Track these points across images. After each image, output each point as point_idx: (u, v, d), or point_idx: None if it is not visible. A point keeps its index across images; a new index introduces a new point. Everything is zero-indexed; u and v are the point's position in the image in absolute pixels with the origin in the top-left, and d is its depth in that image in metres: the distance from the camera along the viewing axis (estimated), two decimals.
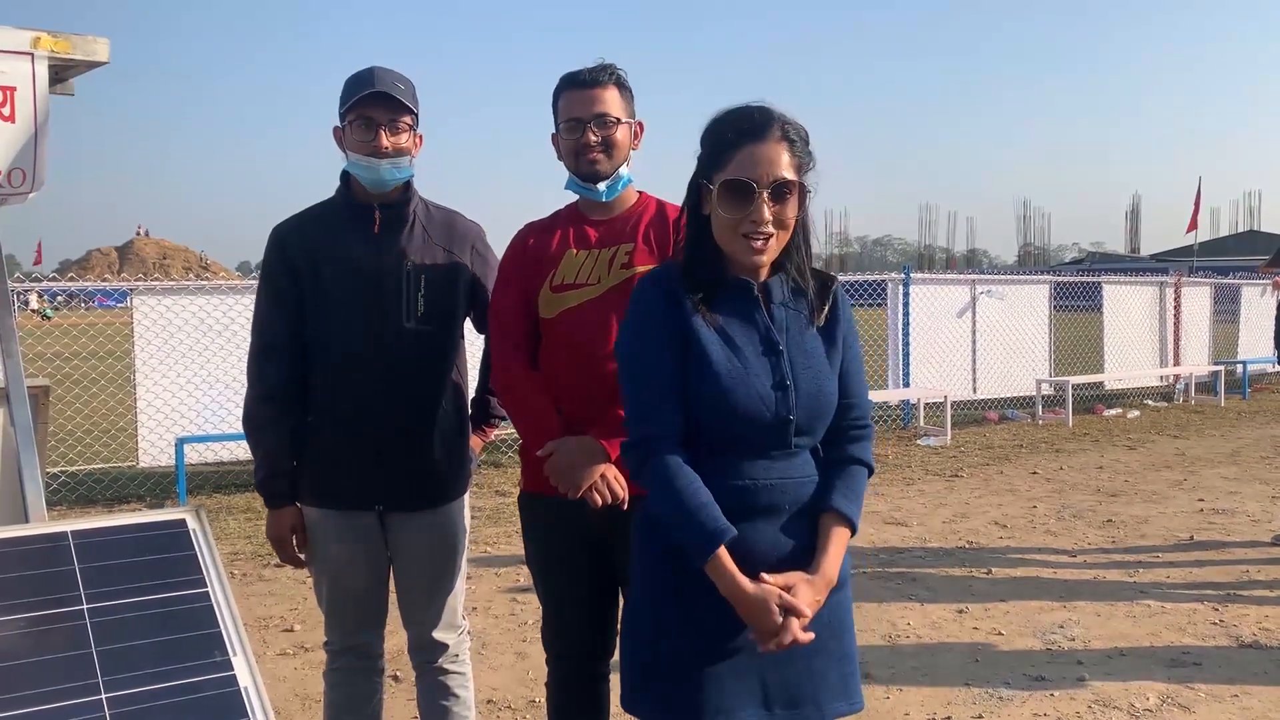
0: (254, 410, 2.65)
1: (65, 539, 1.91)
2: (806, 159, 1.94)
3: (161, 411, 8.12)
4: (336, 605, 2.73)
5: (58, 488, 8.15)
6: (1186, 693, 3.98)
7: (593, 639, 2.63)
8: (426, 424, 2.67)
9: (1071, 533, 6.64)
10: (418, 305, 2.61)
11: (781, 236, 1.93)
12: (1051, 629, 4.73)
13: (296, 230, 2.67)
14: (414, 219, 2.67)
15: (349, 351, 2.61)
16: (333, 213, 2.68)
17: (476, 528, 6.91)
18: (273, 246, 2.68)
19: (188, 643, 1.82)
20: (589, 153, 2.53)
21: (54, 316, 31.45)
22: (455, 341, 2.74)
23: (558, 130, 2.59)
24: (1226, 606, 5.04)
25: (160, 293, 8.33)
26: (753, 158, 1.88)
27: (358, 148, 2.55)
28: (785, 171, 1.89)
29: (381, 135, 2.53)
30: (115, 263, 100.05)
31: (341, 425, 2.62)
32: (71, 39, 1.94)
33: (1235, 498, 7.65)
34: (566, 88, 2.56)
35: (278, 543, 2.68)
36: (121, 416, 9.79)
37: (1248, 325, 15.72)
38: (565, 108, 2.55)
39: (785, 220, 1.91)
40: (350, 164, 2.59)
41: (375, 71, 2.56)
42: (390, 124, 2.54)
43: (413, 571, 2.73)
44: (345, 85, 2.58)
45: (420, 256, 2.64)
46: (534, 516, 2.65)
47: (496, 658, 4.47)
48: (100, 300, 31.40)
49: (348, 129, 2.57)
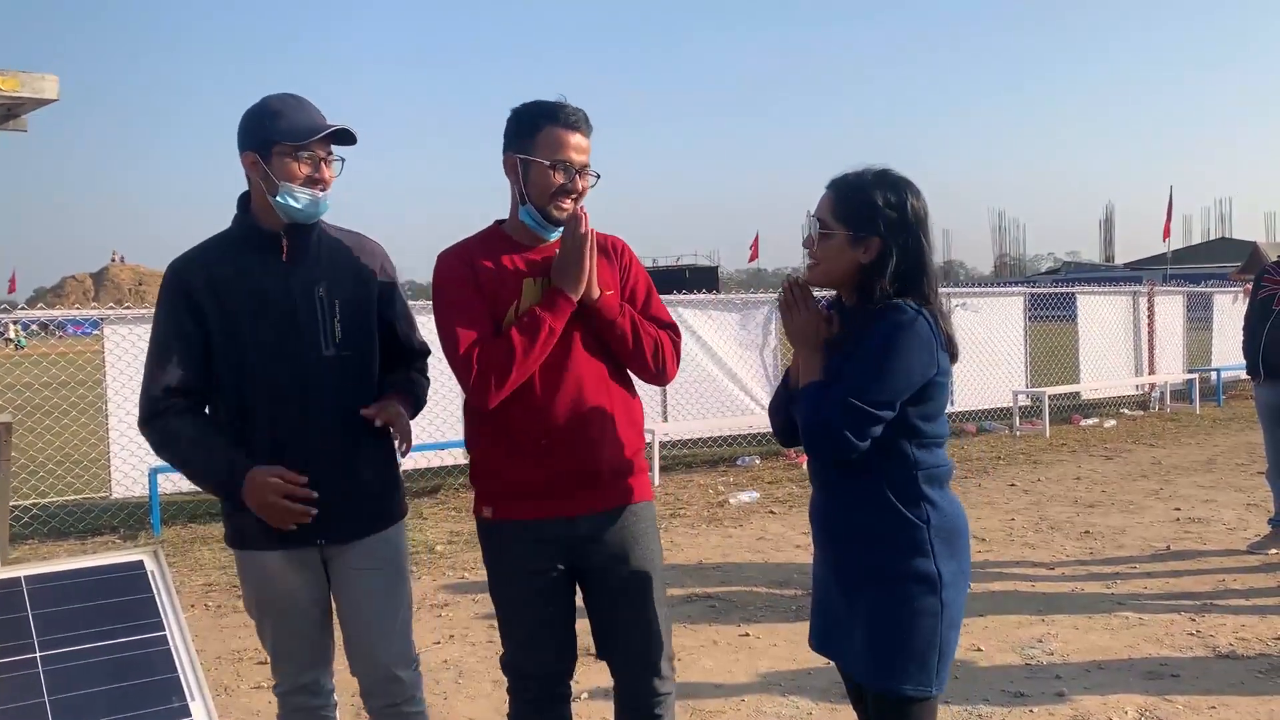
0: (164, 439, 2.54)
1: (19, 585, 1.88)
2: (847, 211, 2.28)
3: (135, 441, 8.01)
4: (284, 647, 2.65)
5: (29, 520, 8.05)
6: (1165, 705, 3.98)
7: (568, 654, 2.68)
8: (355, 450, 2.62)
9: (1049, 545, 6.65)
10: (334, 331, 2.57)
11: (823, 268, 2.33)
12: (1030, 644, 4.72)
13: (198, 264, 2.55)
14: (319, 243, 2.64)
15: (269, 384, 2.52)
16: (232, 243, 2.60)
17: (453, 552, 6.86)
18: (172, 286, 2.54)
19: (144, 689, 1.79)
20: (564, 198, 2.55)
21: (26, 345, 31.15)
22: (373, 365, 2.70)
23: (528, 159, 2.54)
24: (1203, 616, 5.05)
25: (132, 321, 8.25)
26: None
27: (299, 180, 2.50)
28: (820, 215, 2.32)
29: (323, 168, 2.53)
30: (90, 289, 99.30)
31: (270, 461, 2.50)
32: (20, 76, 1.92)
33: (1211, 506, 7.69)
34: (555, 122, 2.52)
35: (271, 507, 2.46)
36: (94, 447, 9.67)
37: (1221, 332, 15.84)
38: (552, 144, 2.51)
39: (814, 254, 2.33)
40: (285, 195, 2.50)
41: (305, 103, 2.54)
42: (327, 157, 2.55)
43: (362, 604, 2.64)
44: (274, 114, 2.50)
45: (331, 281, 2.59)
46: (505, 544, 2.64)
47: (474, 686, 4.42)
48: (74, 329, 31.14)
49: (278, 158, 2.49)
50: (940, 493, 2.31)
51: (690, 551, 6.76)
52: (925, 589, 2.23)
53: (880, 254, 2.25)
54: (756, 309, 11.09)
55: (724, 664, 4.60)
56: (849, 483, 2.30)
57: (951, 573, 2.26)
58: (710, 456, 10.63)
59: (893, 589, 2.24)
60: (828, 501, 2.38)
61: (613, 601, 2.65)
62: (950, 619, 2.26)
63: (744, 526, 7.51)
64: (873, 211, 2.25)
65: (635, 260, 2.78)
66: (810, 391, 2.27)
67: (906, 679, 2.23)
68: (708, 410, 10.41)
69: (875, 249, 2.26)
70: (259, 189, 2.55)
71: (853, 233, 2.26)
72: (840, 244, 2.28)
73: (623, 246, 2.75)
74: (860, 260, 2.27)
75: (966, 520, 2.38)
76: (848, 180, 2.31)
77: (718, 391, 10.51)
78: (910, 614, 2.23)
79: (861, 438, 2.18)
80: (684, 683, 4.26)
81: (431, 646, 4.93)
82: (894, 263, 2.24)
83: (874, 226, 2.25)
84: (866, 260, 2.27)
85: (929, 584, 2.23)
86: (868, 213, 2.26)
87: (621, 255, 2.73)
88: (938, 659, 2.24)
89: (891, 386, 2.18)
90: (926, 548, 2.24)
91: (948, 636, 2.26)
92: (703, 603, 5.55)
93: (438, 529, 7.60)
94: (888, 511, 2.25)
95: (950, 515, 2.31)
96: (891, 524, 2.25)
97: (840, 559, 2.35)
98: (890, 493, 2.25)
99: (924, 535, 2.24)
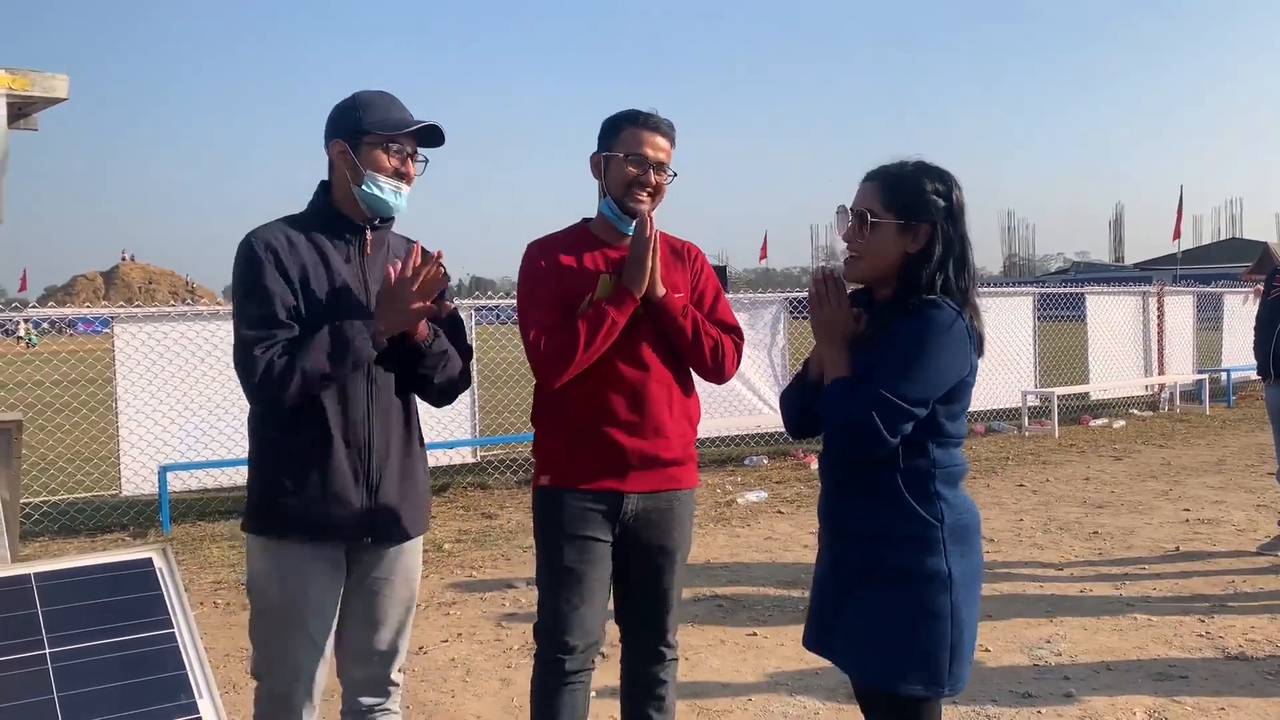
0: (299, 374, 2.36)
1: (28, 581, 1.89)
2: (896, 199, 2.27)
3: (144, 439, 8.06)
4: (297, 656, 2.53)
5: (40, 518, 8.08)
6: (1174, 707, 3.96)
7: (600, 628, 2.86)
8: (410, 451, 2.63)
9: (1058, 545, 6.64)
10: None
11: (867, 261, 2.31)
12: (1038, 644, 4.71)
13: (284, 238, 2.50)
14: (388, 246, 2.66)
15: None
16: (313, 225, 2.57)
17: (461, 551, 6.87)
18: (259, 250, 2.45)
19: (153, 685, 1.79)
20: (641, 191, 2.78)
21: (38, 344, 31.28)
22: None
23: (609, 155, 2.79)
24: (1213, 618, 5.03)
25: (141, 319, 8.27)
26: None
27: (387, 171, 2.53)
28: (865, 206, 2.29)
29: (409, 163, 2.57)
30: (101, 288, 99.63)
31: (335, 451, 2.47)
32: (30, 76, 1.92)
33: (1220, 507, 7.67)
34: (634, 124, 2.78)
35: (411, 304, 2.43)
36: (104, 445, 9.71)
37: (1231, 333, 15.80)
38: (632, 141, 2.77)
39: (856, 247, 2.31)
40: (369, 184, 2.51)
41: (397, 100, 2.59)
42: (413, 153, 2.59)
43: (378, 608, 2.62)
44: (368, 105, 2.53)
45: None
46: (561, 509, 2.80)
47: (481, 685, 4.43)
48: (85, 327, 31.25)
49: (368, 148, 2.51)
50: (954, 491, 2.30)
51: (698, 551, 6.75)
52: (936, 588, 2.22)
53: (928, 242, 2.26)
54: (765, 308, 11.08)
55: (731, 663, 4.60)
56: (863, 480, 2.29)
57: (963, 572, 2.25)
58: (718, 456, 10.62)
59: (903, 588, 2.23)
60: (840, 499, 2.37)
61: (643, 573, 2.88)
62: (962, 619, 2.25)
63: (752, 526, 7.50)
64: (922, 198, 2.26)
65: (708, 266, 3.00)
66: (838, 387, 2.25)
67: (915, 679, 2.22)
68: (715, 410, 10.39)
69: (924, 237, 2.26)
70: (343, 178, 2.55)
71: (903, 221, 2.26)
72: (888, 233, 2.27)
73: (696, 252, 3.00)
74: (908, 249, 2.27)
75: (979, 519, 2.37)
76: (891, 170, 2.31)
77: (725, 391, 10.47)
78: (921, 613, 2.22)
79: (894, 434, 2.17)
80: (691, 682, 4.27)
81: (439, 644, 4.94)
82: (939, 251, 2.25)
83: (924, 214, 2.26)
84: (914, 249, 2.27)
85: (940, 583, 2.22)
86: (918, 200, 2.26)
87: (695, 260, 2.98)
88: (950, 659, 2.23)
89: (927, 384, 2.18)
90: (939, 546, 2.23)
91: (961, 637, 2.24)
92: (710, 602, 5.55)
93: (446, 528, 7.61)
94: (903, 510, 2.24)
95: (963, 514, 2.30)
96: (906, 522, 2.24)
97: (848, 557, 2.34)
98: (906, 491, 2.24)
99: (938, 534, 2.24)
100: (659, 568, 2.88)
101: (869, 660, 2.27)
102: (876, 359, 2.23)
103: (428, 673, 4.57)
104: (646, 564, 2.86)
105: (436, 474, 9.41)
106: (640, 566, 2.87)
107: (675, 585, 2.92)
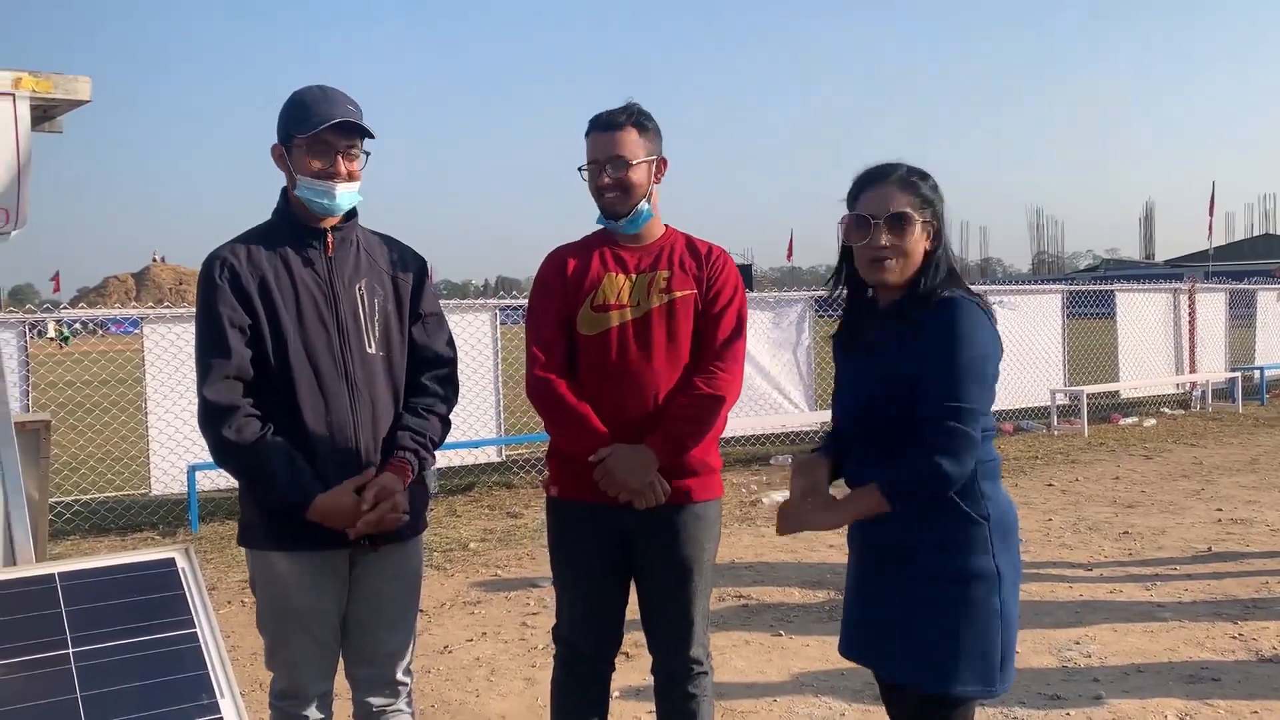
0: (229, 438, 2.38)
1: (53, 581, 1.90)
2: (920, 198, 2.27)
3: (173, 439, 8.13)
4: (305, 659, 2.55)
5: (71, 517, 8.17)
6: (1205, 710, 3.91)
7: (613, 637, 2.89)
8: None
9: (1088, 545, 6.57)
10: (374, 331, 2.56)
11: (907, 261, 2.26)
12: (1067, 646, 4.66)
13: (240, 253, 2.48)
14: (358, 244, 2.63)
15: (315, 379, 2.47)
16: (273, 235, 2.55)
17: (486, 550, 6.89)
18: (215, 274, 2.44)
19: (174, 685, 1.80)
20: (605, 193, 2.77)
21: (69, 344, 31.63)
22: (403, 369, 2.66)
23: (584, 167, 2.81)
24: (1246, 620, 4.96)
25: (171, 320, 8.35)
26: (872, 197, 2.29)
27: (312, 172, 2.47)
28: (899, 208, 2.24)
29: (339, 161, 2.48)
30: (132, 289, 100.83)
31: (319, 459, 2.46)
32: (53, 79, 1.93)
33: (1254, 507, 7.56)
34: (590, 129, 2.79)
35: (339, 517, 2.41)
36: (134, 444, 9.81)
37: (1265, 330, 15.59)
38: (588, 149, 2.78)
39: (903, 248, 2.25)
40: (302, 188, 2.49)
41: (329, 94, 2.49)
42: (347, 150, 2.50)
43: (383, 608, 2.61)
44: (295, 106, 2.49)
45: (370, 282, 2.58)
46: (567, 522, 2.85)
47: (505, 684, 4.43)
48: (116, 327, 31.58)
49: (296, 151, 2.48)
50: (994, 487, 2.27)
51: (723, 551, 6.67)
52: (987, 587, 2.18)
53: (935, 238, 2.31)
54: (790, 307, 11.04)
55: (756, 664, 4.58)
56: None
57: (1008, 569, 2.22)
58: (743, 455, 10.59)
59: (953, 588, 2.19)
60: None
61: (658, 587, 2.83)
62: (1009, 617, 2.22)
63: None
64: (934, 196, 2.32)
65: (730, 270, 2.88)
66: (898, 469, 2.19)
67: (971, 679, 2.18)
68: (741, 409, 10.32)
69: (934, 233, 2.31)
70: (291, 182, 2.54)
71: (924, 220, 2.28)
72: (919, 233, 2.28)
73: (718, 254, 2.91)
74: (927, 248, 2.30)
75: (1017, 515, 2.34)
76: (900, 170, 2.32)
77: (751, 390, 10.44)
78: (972, 613, 2.18)
79: (977, 433, 2.14)
80: (716, 682, 4.23)
81: (464, 643, 4.95)
82: (942, 246, 2.31)
83: (935, 211, 2.31)
84: (930, 247, 2.30)
85: (990, 582, 2.18)
86: (932, 198, 2.31)
87: (713, 264, 2.86)
88: (1000, 658, 2.20)
89: (983, 379, 2.17)
90: (987, 545, 2.20)
91: (1008, 635, 2.22)
92: (735, 603, 5.53)
93: (470, 527, 7.63)
94: (950, 509, 2.20)
95: (1005, 510, 2.27)
96: (955, 522, 2.20)
97: (891, 561, 2.27)
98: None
99: (985, 532, 2.20)
100: (673, 582, 2.80)
101: (921, 664, 2.21)
102: (912, 359, 2.19)
103: (452, 672, 4.58)
104: (659, 578, 2.82)
105: (461, 473, 9.45)
106: (654, 580, 2.83)
107: (696, 599, 2.82)
